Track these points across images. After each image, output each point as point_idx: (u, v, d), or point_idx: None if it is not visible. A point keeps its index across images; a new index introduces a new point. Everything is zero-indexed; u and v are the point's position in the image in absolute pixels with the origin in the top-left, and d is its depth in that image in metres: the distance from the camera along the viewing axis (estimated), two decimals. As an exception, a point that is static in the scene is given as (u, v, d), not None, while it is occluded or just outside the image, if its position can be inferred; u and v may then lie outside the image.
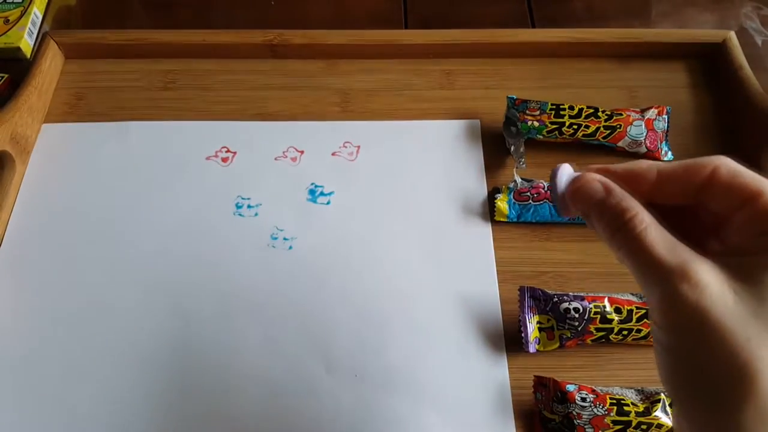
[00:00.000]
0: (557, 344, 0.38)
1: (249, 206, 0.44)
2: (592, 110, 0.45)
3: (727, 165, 0.24)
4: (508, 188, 0.43)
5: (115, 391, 0.37)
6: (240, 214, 0.43)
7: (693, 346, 0.20)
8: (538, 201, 0.42)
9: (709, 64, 0.51)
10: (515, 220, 0.43)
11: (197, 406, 0.37)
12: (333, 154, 0.46)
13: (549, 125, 0.44)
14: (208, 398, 0.37)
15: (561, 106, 0.45)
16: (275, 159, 0.46)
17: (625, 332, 0.38)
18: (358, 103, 0.49)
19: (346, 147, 0.46)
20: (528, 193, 0.43)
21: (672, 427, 0.35)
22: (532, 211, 0.43)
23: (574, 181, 0.25)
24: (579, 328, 0.38)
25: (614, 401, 0.35)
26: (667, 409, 0.35)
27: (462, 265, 0.41)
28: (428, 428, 0.36)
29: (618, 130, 0.45)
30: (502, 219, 0.43)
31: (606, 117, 0.45)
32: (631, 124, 0.45)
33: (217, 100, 0.48)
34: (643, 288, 0.22)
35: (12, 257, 0.41)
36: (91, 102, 0.48)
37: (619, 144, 0.45)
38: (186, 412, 0.36)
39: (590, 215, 0.24)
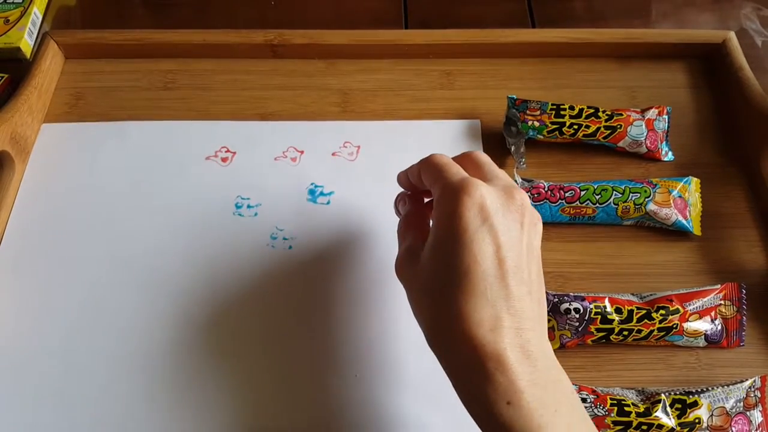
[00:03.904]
0: (557, 345, 0.38)
1: (249, 206, 0.44)
2: (592, 110, 0.45)
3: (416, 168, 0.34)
4: (509, 188, 0.43)
5: (114, 390, 0.37)
6: (239, 214, 0.43)
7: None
8: (539, 201, 0.42)
9: (709, 65, 0.51)
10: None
11: (196, 405, 0.37)
12: (333, 154, 0.46)
13: (549, 125, 0.44)
14: (208, 398, 0.37)
15: (561, 106, 0.45)
16: (275, 159, 0.46)
17: (625, 333, 0.38)
18: (358, 103, 0.49)
19: (346, 147, 0.46)
20: (528, 194, 0.43)
21: (672, 428, 0.35)
22: (532, 211, 0.43)
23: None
24: (579, 329, 0.38)
25: (615, 402, 0.35)
26: (668, 409, 0.35)
27: (462, 266, 0.41)
28: (428, 428, 0.36)
29: (618, 130, 0.45)
30: (502, 219, 0.43)
31: (606, 117, 0.45)
32: (632, 124, 0.45)
33: (217, 100, 0.48)
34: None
35: (11, 257, 0.41)
36: (91, 102, 0.48)
37: (620, 144, 0.45)
38: (185, 412, 0.36)
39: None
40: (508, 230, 0.29)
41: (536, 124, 0.44)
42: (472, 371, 0.26)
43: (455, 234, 0.28)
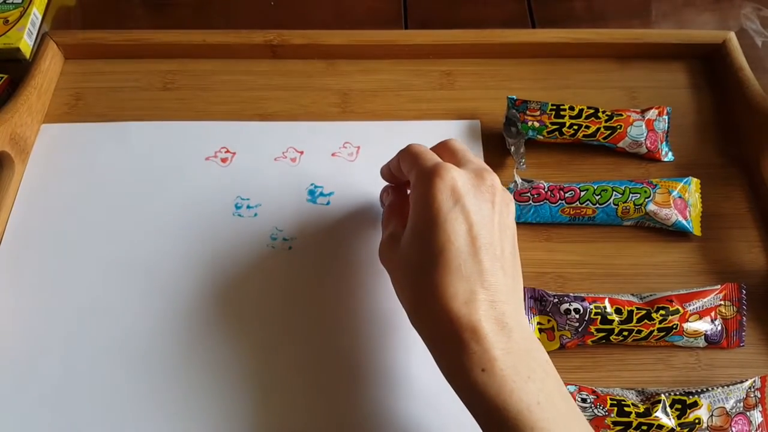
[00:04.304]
0: (557, 345, 0.38)
1: (248, 207, 0.44)
2: (592, 111, 0.45)
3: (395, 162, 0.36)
4: (509, 189, 0.43)
5: (115, 391, 0.37)
6: (239, 215, 0.43)
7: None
8: (539, 201, 0.42)
9: (709, 65, 0.51)
10: (516, 220, 0.43)
11: (196, 405, 0.37)
12: (333, 154, 0.46)
13: (549, 126, 0.44)
14: (207, 398, 0.37)
15: (561, 107, 0.45)
16: (275, 159, 0.46)
17: (625, 333, 0.38)
18: (358, 104, 0.49)
19: (345, 147, 0.46)
20: (528, 194, 0.43)
21: (672, 428, 0.35)
22: (532, 211, 0.43)
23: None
24: (579, 329, 0.38)
25: (615, 402, 0.35)
26: (668, 410, 0.35)
27: (462, 266, 0.41)
28: (428, 428, 0.36)
29: (618, 130, 0.45)
30: (502, 219, 0.43)
31: (606, 117, 0.45)
32: (632, 124, 0.45)
33: (217, 101, 0.48)
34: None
35: (11, 257, 0.41)
36: (91, 102, 0.48)
37: (620, 144, 0.45)
38: (185, 412, 0.36)
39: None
40: (479, 210, 0.30)
41: (536, 124, 0.44)
42: (450, 342, 0.28)
43: (430, 215, 0.30)
